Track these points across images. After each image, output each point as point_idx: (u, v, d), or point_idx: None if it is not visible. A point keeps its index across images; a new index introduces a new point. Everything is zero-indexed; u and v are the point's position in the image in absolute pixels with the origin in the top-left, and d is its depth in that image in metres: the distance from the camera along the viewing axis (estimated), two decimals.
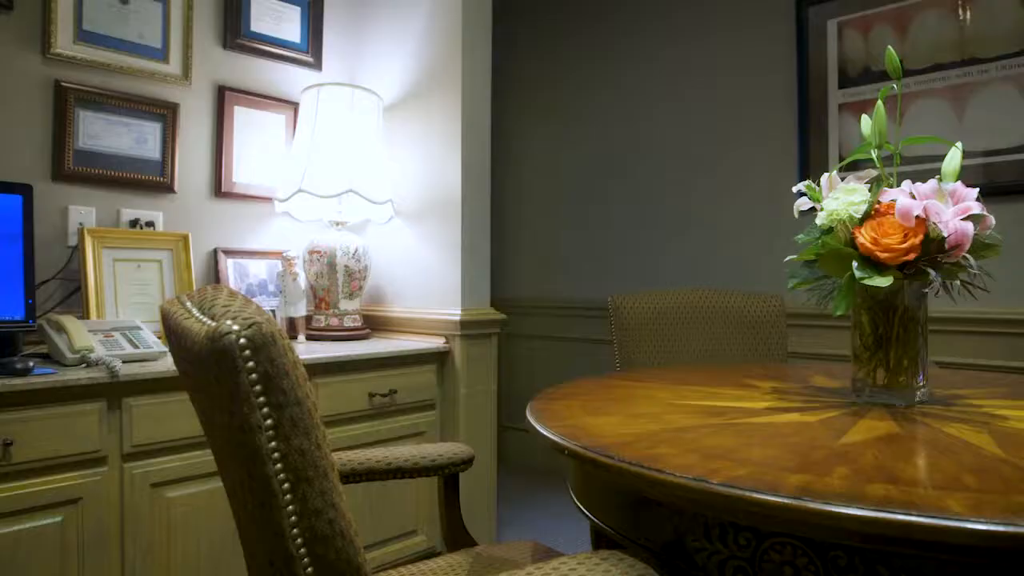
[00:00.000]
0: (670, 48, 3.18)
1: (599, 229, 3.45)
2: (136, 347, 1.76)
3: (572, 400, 1.22)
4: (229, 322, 0.68)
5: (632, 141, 3.32)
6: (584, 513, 1.04)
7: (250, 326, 0.68)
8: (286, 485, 0.70)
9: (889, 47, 1.22)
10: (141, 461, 1.66)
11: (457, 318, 2.30)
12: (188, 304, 0.81)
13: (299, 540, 0.72)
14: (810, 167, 2.69)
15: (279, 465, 0.70)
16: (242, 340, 0.67)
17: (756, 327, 2.02)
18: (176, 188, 2.27)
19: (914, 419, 1.04)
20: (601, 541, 1.41)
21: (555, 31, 3.66)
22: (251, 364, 0.68)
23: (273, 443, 0.70)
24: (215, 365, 0.69)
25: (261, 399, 0.69)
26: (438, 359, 2.35)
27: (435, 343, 2.34)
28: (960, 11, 2.37)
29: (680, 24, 3.14)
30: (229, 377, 0.68)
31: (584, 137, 3.52)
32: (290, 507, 0.71)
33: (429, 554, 2.29)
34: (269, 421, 0.69)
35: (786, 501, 0.67)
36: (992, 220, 1.10)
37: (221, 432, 0.77)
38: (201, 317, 0.75)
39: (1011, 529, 0.59)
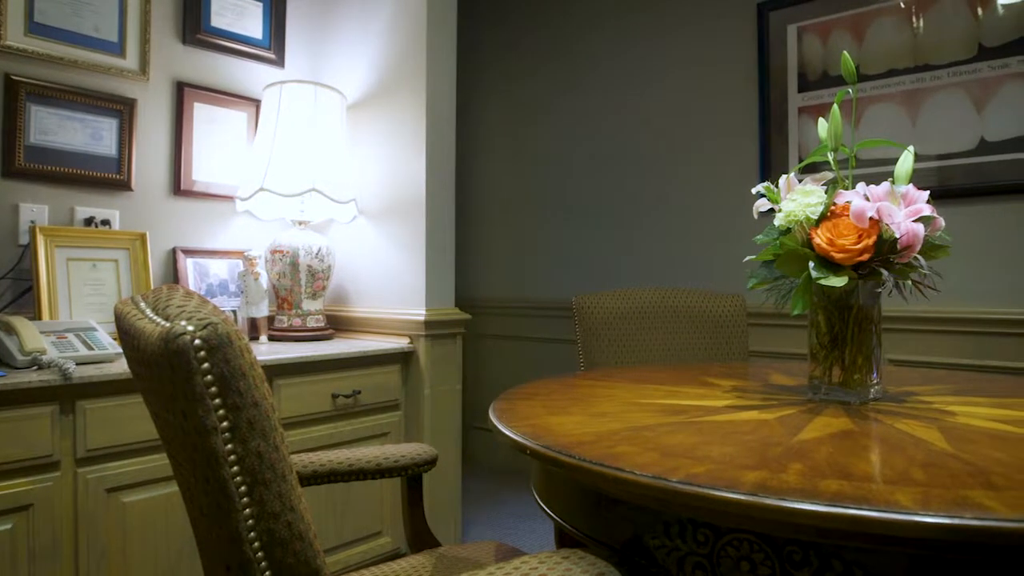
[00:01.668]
0: (634, 49, 3.21)
1: (564, 229, 3.46)
2: (91, 348, 1.72)
3: (535, 400, 1.22)
4: (183, 323, 0.67)
5: (596, 142, 3.34)
6: (546, 512, 1.05)
7: (205, 327, 0.67)
8: (243, 488, 0.69)
9: (845, 52, 1.25)
10: (96, 466, 1.62)
11: (422, 318, 2.29)
12: (142, 304, 0.79)
13: (256, 544, 0.71)
14: (771, 169, 2.74)
15: (235, 468, 0.69)
16: (197, 341, 0.66)
17: (718, 326, 2.05)
18: (133, 186, 2.22)
19: (868, 416, 1.06)
20: (565, 540, 1.41)
21: (519, 31, 3.67)
22: (206, 366, 0.67)
23: (229, 445, 0.69)
24: (169, 367, 0.67)
25: (217, 401, 0.68)
26: (402, 359, 2.34)
27: (399, 343, 2.32)
28: (914, 19, 2.44)
29: (643, 26, 3.17)
30: (183, 379, 0.67)
31: (548, 137, 3.54)
32: (247, 510, 0.70)
33: (395, 555, 2.28)
34: (225, 423, 0.68)
35: (742, 498, 0.68)
36: (942, 222, 1.13)
37: (176, 435, 0.75)
38: (155, 318, 0.73)
39: (956, 522, 0.61)
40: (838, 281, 1.06)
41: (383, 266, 2.48)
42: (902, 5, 2.46)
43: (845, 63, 1.21)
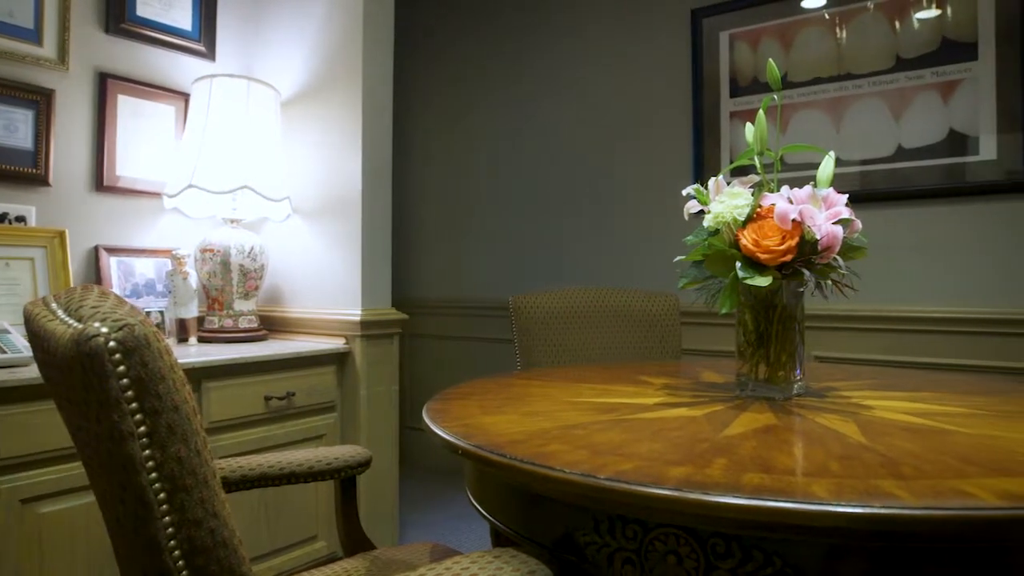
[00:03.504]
0: (571, 53, 3.24)
1: (502, 229, 3.47)
2: (3, 352, 1.63)
3: (469, 400, 1.22)
4: (97, 324, 0.64)
5: (533, 142, 3.36)
6: (480, 512, 1.05)
7: (120, 328, 0.64)
8: (162, 495, 0.67)
9: (770, 60, 1.29)
10: (9, 475, 1.53)
11: (357, 318, 2.26)
12: (53, 305, 0.75)
13: (176, 552, 0.68)
14: (704, 171, 2.81)
15: (154, 474, 0.67)
16: (111, 343, 0.64)
17: (652, 325, 2.09)
18: (51, 181, 2.11)
19: (791, 411, 1.10)
20: (501, 540, 1.42)
21: (457, 32, 3.66)
22: (122, 369, 0.64)
23: (147, 451, 0.66)
24: (81, 371, 0.65)
25: (134, 405, 0.65)
26: (338, 360, 2.30)
27: (335, 344, 2.28)
28: (837, 29, 2.54)
29: (581, 29, 3.21)
30: (96, 383, 0.64)
31: (485, 138, 3.54)
32: (167, 518, 0.68)
33: (330, 560, 2.23)
34: (143, 428, 0.66)
35: (667, 493, 0.70)
36: (859, 224, 1.19)
37: (89, 441, 0.72)
38: (67, 319, 0.70)
39: (866, 511, 0.64)
40: (763, 281, 1.09)
41: (318, 266, 2.43)
42: (827, 16, 2.56)
43: (770, 70, 1.26)
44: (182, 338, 2.27)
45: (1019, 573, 0.71)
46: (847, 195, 1.18)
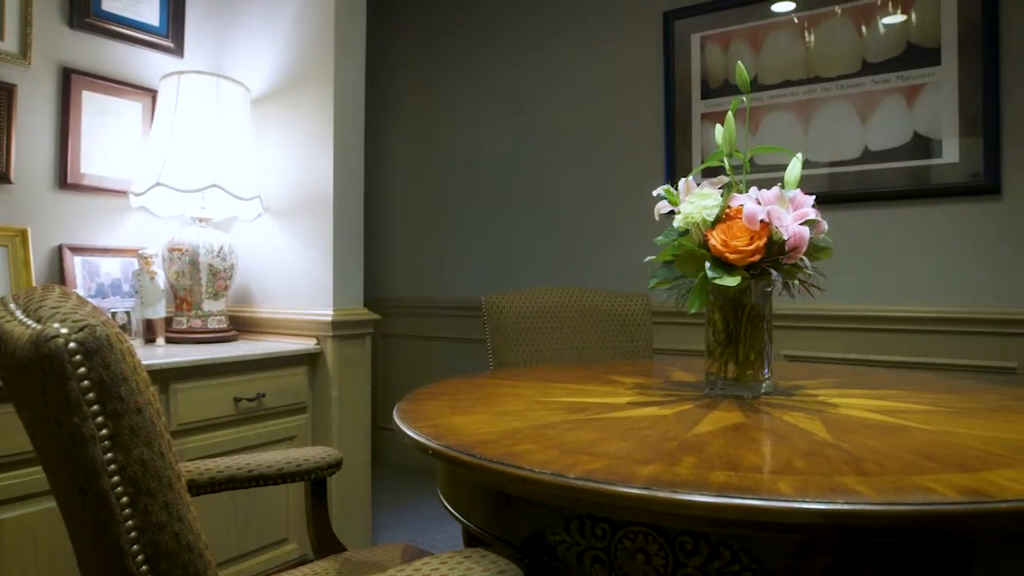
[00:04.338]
0: (543, 52, 3.25)
1: (474, 229, 3.47)
2: None
3: (440, 400, 1.22)
4: (57, 325, 0.63)
5: (505, 143, 3.36)
6: (451, 513, 1.04)
7: (81, 329, 0.63)
8: (125, 499, 0.66)
9: (739, 62, 1.31)
10: None
11: (329, 318, 2.24)
12: (11, 306, 0.74)
13: (140, 557, 0.67)
14: (676, 172, 2.83)
15: (116, 478, 0.65)
16: (72, 344, 0.62)
17: (624, 325, 2.11)
18: (13, 178, 2.06)
19: (759, 409, 1.11)
20: (473, 540, 1.42)
21: (430, 33, 3.65)
22: (82, 371, 0.63)
23: (110, 454, 0.65)
24: (40, 373, 0.63)
25: (95, 408, 0.64)
26: (309, 361, 2.28)
27: (306, 344, 2.26)
28: (806, 33, 2.58)
29: (555, 30, 3.22)
30: (56, 385, 0.63)
31: (457, 138, 3.53)
32: (130, 522, 0.66)
33: (302, 562, 2.21)
34: (104, 431, 0.65)
35: (636, 492, 0.70)
36: (825, 225, 1.20)
37: (49, 445, 0.71)
38: (25, 320, 0.68)
39: (829, 507, 0.65)
40: (732, 281, 1.11)
41: (289, 265, 2.41)
42: (796, 20, 2.59)
43: (740, 73, 1.27)
44: (149, 339, 2.23)
45: (976, 564, 0.73)
46: (814, 196, 1.20)
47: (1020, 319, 2.20)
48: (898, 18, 2.40)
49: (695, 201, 1.19)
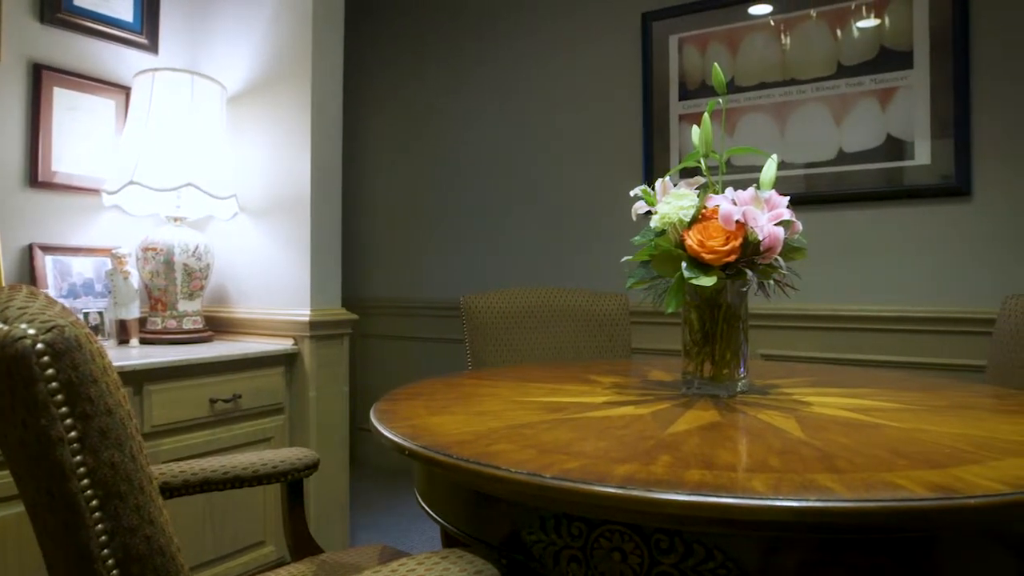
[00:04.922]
0: (522, 53, 3.25)
1: (452, 229, 3.46)
2: None
3: (416, 400, 1.21)
4: (24, 326, 0.62)
5: (484, 143, 3.36)
6: (428, 513, 1.04)
7: (49, 330, 0.62)
8: (94, 502, 0.65)
9: (716, 64, 1.32)
10: None
11: (306, 318, 2.22)
12: None
13: (111, 562, 0.66)
14: (654, 173, 2.85)
15: (85, 481, 0.64)
16: (39, 345, 0.61)
17: (602, 324, 2.11)
18: None
19: (735, 408, 1.12)
20: (451, 541, 1.41)
21: (408, 33, 3.64)
22: (51, 372, 0.62)
23: (78, 457, 0.64)
24: (6, 374, 0.62)
25: (64, 409, 0.63)
26: (286, 361, 2.26)
27: (283, 345, 2.24)
28: (782, 36, 2.60)
29: (533, 30, 3.22)
30: (23, 387, 0.61)
31: (436, 138, 3.52)
32: (99, 526, 0.65)
33: (278, 564, 2.19)
34: (73, 433, 0.63)
35: (612, 491, 0.70)
36: (799, 226, 1.22)
37: (17, 448, 0.69)
38: None
39: (801, 504, 0.65)
40: (708, 281, 1.12)
41: (266, 265, 2.38)
42: (772, 23, 2.62)
43: (716, 75, 1.28)
44: (123, 340, 2.20)
45: (946, 559, 0.74)
46: (789, 197, 1.21)
47: (990, 318, 2.25)
48: (872, 22, 2.44)
49: (672, 201, 1.20)
